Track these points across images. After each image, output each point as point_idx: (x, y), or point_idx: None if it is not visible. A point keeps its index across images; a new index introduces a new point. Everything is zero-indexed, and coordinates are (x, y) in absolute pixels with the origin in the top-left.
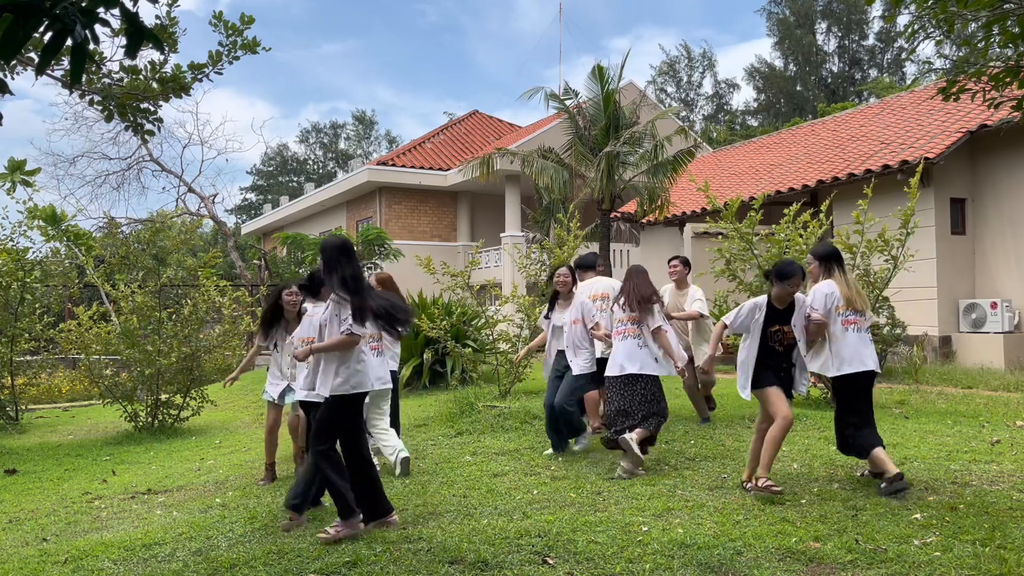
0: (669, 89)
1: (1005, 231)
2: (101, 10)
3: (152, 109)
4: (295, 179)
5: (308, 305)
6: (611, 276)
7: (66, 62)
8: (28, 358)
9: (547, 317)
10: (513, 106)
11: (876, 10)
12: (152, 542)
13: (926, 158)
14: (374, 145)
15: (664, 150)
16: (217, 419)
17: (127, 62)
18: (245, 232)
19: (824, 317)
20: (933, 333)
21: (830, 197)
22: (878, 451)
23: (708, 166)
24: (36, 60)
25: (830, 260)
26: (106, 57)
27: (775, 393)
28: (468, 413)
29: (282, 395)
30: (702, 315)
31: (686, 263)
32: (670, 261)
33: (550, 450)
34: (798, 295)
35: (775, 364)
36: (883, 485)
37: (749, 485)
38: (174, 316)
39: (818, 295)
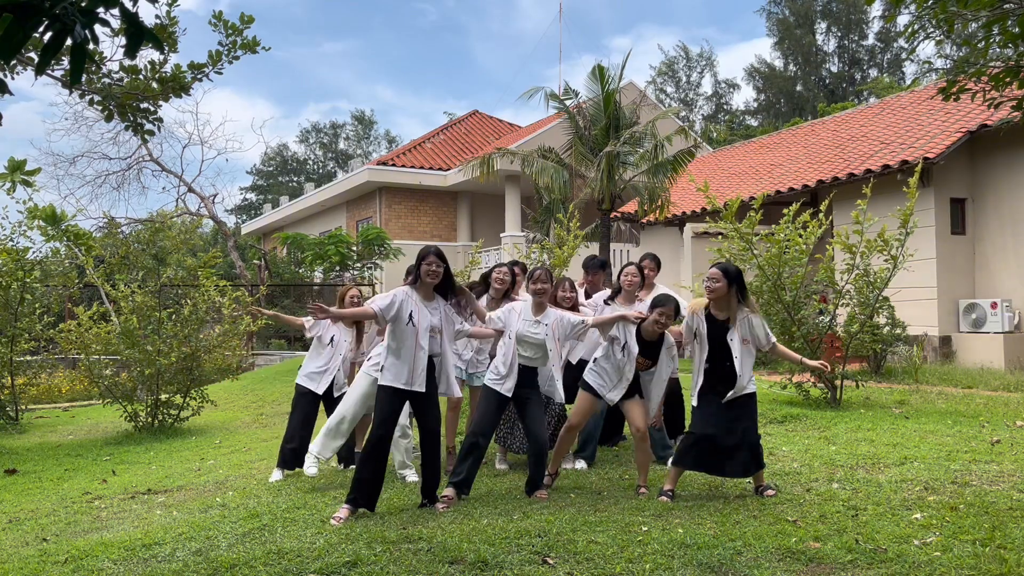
0: (669, 89)
1: (1005, 231)
2: (101, 10)
3: (152, 109)
4: (295, 179)
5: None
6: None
7: (66, 62)
8: (28, 358)
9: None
10: (513, 106)
11: (876, 10)
12: (152, 542)
13: (926, 158)
14: (374, 145)
15: (664, 150)
16: (217, 419)
17: (127, 62)
18: (245, 232)
19: None
20: (933, 333)
21: (830, 197)
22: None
23: (708, 166)
24: (36, 60)
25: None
26: (106, 57)
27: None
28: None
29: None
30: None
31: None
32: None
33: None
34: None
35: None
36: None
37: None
38: (174, 316)
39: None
